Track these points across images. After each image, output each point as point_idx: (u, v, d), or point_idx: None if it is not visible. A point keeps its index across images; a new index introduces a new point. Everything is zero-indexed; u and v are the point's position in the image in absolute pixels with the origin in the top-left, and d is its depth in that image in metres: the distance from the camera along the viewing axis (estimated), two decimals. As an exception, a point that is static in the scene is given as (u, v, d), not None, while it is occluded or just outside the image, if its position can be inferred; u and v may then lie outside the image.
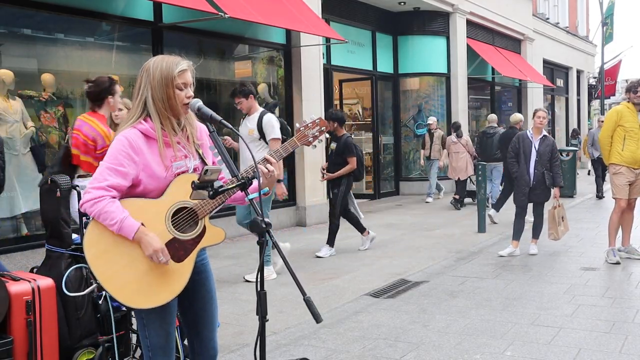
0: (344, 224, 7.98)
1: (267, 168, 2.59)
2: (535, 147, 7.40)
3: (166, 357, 2.67)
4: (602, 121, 11.45)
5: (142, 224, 2.46)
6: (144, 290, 2.49)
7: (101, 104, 4.50)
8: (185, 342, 3.76)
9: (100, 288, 3.92)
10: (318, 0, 11.06)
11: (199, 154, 2.67)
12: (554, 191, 7.42)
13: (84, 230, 3.88)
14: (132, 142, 2.49)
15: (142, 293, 2.49)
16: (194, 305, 2.74)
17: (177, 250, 2.53)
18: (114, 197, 2.46)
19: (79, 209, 3.82)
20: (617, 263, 6.95)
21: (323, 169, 8.06)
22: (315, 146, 2.83)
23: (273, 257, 6.69)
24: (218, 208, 2.57)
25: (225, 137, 7.00)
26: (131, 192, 2.53)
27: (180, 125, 2.63)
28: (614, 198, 7.08)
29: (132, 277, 2.48)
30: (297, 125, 2.80)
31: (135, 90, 2.60)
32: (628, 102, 7.05)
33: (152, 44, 8.39)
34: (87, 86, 4.54)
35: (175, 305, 2.68)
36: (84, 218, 4.02)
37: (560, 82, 25.55)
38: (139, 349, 3.99)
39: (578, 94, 27.86)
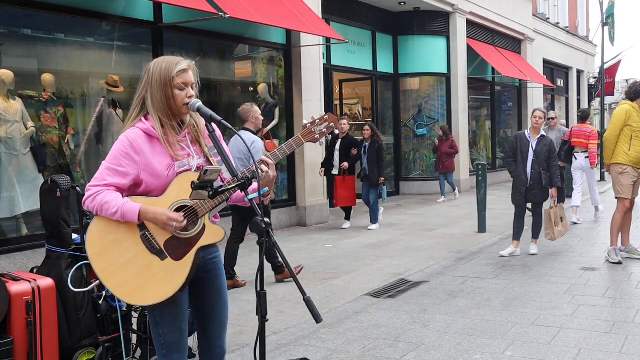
0: (341, 223, 7.95)
1: (261, 169, 2.57)
2: (532, 147, 7.39)
3: (180, 354, 2.69)
4: (552, 118, 11.22)
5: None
6: (142, 287, 2.52)
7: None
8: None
9: (100, 287, 3.93)
10: (318, 0, 11.06)
11: (205, 153, 2.67)
12: (552, 191, 7.41)
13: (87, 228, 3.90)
14: (133, 142, 2.52)
15: (140, 290, 2.52)
16: (203, 302, 2.77)
17: (177, 248, 2.54)
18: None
19: (79, 210, 3.82)
20: (619, 263, 6.95)
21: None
22: (322, 143, 2.80)
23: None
24: (218, 207, 2.57)
25: None
26: (134, 191, 2.56)
27: (185, 124, 2.65)
28: (617, 198, 7.04)
29: (131, 274, 2.52)
30: (304, 122, 2.73)
31: (137, 90, 2.65)
32: (632, 101, 7.01)
33: (152, 44, 8.39)
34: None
35: (186, 302, 2.71)
36: (84, 218, 4.04)
37: (560, 82, 25.55)
38: (139, 349, 3.99)
39: (578, 94, 27.87)
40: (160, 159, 2.55)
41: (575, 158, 10.48)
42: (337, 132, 5.24)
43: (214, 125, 2.59)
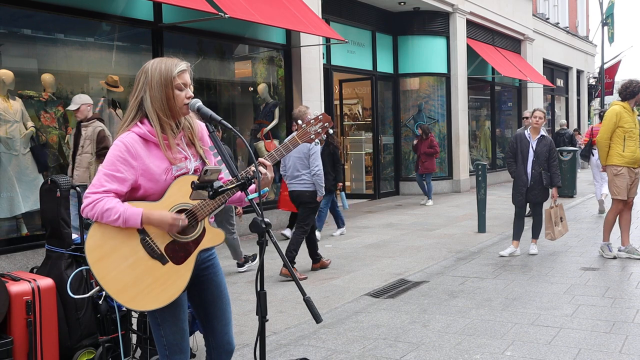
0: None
1: (260, 171, 2.56)
2: (532, 147, 7.40)
3: (182, 355, 2.68)
4: (527, 117, 11.09)
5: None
6: (144, 292, 2.50)
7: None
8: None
9: (100, 289, 3.93)
10: (318, 0, 11.07)
11: (200, 155, 2.67)
12: (552, 191, 7.42)
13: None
14: (130, 148, 2.49)
15: (142, 295, 2.50)
16: (205, 300, 2.76)
17: (177, 252, 2.53)
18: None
19: (79, 212, 3.83)
20: (614, 258, 7.10)
21: None
22: (317, 143, 2.79)
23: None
24: (218, 210, 2.57)
25: None
26: (132, 195, 2.54)
27: (180, 126, 2.64)
28: (614, 199, 7.12)
29: (132, 280, 2.50)
30: (299, 122, 2.74)
31: (132, 92, 2.61)
32: (622, 101, 7.06)
33: (152, 44, 8.39)
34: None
35: (186, 302, 2.71)
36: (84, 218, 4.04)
37: (560, 82, 25.55)
38: (139, 349, 3.99)
39: (578, 94, 27.87)
40: (157, 163, 2.54)
41: (593, 154, 11.05)
42: (331, 131, 5.78)
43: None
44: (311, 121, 2.71)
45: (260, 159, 2.59)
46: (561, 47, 24.88)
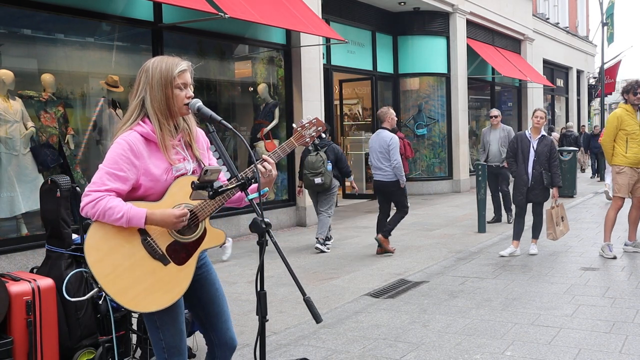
0: (341, 223, 7.95)
1: (264, 167, 2.58)
2: (533, 147, 7.41)
3: (182, 357, 2.67)
4: (494, 116, 10.80)
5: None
6: (145, 293, 2.49)
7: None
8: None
9: (100, 290, 3.92)
10: (318, 0, 11.07)
11: (196, 157, 2.67)
12: (553, 191, 7.43)
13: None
14: (133, 146, 2.48)
15: (143, 296, 2.49)
16: (202, 300, 2.76)
17: (179, 252, 2.53)
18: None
19: (79, 211, 3.81)
20: (614, 258, 7.14)
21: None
22: (312, 146, 2.82)
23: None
24: (218, 210, 2.57)
25: None
26: (131, 195, 2.53)
27: (179, 127, 2.63)
28: (614, 196, 7.25)
29: (133, 280, 2.48)
30: (294, 125, 2.78)
31: (133, 91, 2.60)
32: (625, 103, 7.15)
33: (152, 44, 8.39)
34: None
35: (183, 304, 2.70)
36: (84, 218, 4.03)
37: (560, 82, 25.56)
38: (139, 349, 3.99)
39: (578, 94, 27.88)
40: (158, 163, 2.53)
41: None
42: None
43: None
44: (305, 125, 2.77)
45: (264, 156, 2.61)
46: (561, 47, 24.88)
